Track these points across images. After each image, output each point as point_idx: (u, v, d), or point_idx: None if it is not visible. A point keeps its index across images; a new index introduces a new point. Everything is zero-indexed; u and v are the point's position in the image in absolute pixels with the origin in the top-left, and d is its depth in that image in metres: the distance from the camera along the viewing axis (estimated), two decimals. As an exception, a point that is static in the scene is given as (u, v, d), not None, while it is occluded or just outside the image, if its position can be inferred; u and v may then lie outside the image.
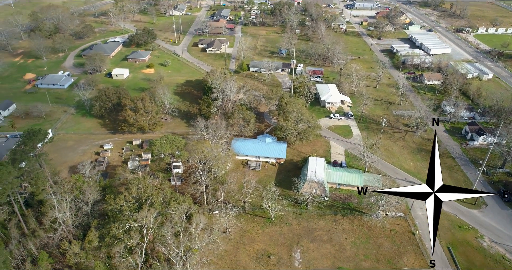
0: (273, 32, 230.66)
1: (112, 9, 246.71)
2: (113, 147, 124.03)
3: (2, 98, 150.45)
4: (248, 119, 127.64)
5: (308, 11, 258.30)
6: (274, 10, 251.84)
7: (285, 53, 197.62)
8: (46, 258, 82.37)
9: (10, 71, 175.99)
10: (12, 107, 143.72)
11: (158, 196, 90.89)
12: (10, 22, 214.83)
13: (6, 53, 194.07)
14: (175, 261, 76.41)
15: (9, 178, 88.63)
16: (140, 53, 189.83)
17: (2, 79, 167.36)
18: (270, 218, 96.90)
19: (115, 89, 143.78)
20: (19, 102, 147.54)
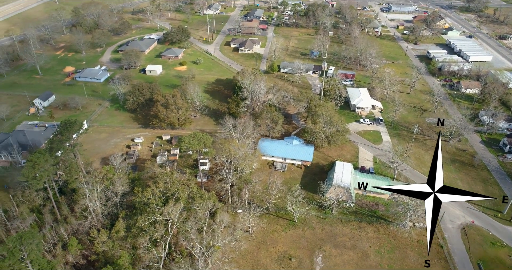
0: (306, 34, 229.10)
1: (149, 6, 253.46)
2: (143, 141, 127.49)
3: (43, 89, 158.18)
4: (276, 120, 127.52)
5: (343, 14, 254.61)
6: (308, 11, 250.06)
7: (316, 55, 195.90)
8: (75, 244, 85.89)
9: (52, 63, 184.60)
10: (52, 98, 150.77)
11: (184, 192, 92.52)
12: (54, 17, 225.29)
13: (49, 46, 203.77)
14: (197, 257, 77.54)
15: (46, 166, 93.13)
16: (173, 50, 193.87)
17: (44, 71, 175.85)
18: (293, 221, 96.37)
19: (148, 84, 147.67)
20: (58, 93, 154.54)
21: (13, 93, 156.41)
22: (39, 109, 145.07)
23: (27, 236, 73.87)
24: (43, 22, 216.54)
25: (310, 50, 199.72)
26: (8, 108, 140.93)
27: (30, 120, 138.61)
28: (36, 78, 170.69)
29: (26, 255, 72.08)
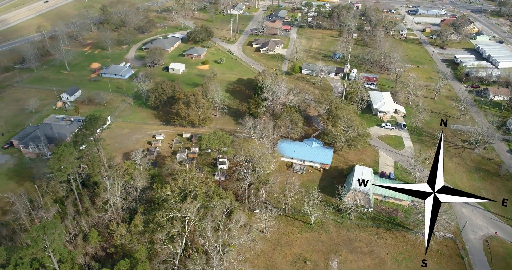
0: (329, 36, 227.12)
1: (174, 5, 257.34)
2: (164, 138, 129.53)
3: (70, 84, 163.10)
4: (296, 122, 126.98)
5: (367, 16, 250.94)
6: (332, 13, 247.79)
7: (339, 57, 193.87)
8: (95, 236, 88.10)
9: (79, 59, 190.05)
10: (78, 93, 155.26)
11: (202, 189, 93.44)
12: (83, 14, 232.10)
13: (77, 43, 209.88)
14: (213, 254, 78.10)
15: (71, 159, 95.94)
16: (196, 49, 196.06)
17: (72, 66, 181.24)
18: (309, 223, 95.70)
19: (170, 82, 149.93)
20: (84, 89, 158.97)
21: (42, 87, 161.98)
22: (66, 104, 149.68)
23: (50, 226, 76.13)
24: (72, 19, 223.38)
25: (333, 52, 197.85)
26: (37, 102, 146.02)
27: (57, 114, 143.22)
28: (64, 73, 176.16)
29: (48, 244, 74.30)
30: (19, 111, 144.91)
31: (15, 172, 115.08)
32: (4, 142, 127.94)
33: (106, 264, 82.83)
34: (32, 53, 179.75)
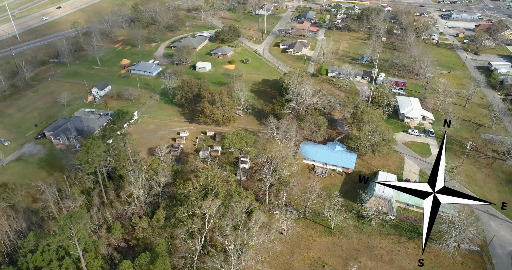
0: (357, 38, 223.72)
1: (203, 5, 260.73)
2: (188, 135, 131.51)
3: (100, 79, 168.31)
4: (320, 124, 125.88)
5: (398, 19, 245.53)
6: (362, 15, 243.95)
7: (367, 60, 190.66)
8: (119, 228, 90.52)
9: (110, 56, 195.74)
10: (108, 88, 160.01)
11: (223, 188, 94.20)
12: (115, 12, 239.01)
13: (109, 39, 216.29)
14: (231, 253, 78.58)
15: (98, 151, 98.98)
16: (223, 49, 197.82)
17: (103, 62, 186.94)
18: (329, 228, 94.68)
19: (196, 81, 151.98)
20: (114, 84, 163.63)
21: (74, 81, 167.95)
22: (96, 98, 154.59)
23: (76, 216, 78.78)
24: (105, 16, 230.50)
25: (361, 55, 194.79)
26: (69, 95, 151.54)
27: (87, 108, 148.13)
28: (95, 69, 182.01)
29: (74, 233, 76.87)
30: (52, 104, 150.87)
31: (46, 162, 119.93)
32: (37, 133, 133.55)
33: (128, 256, 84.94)
34: (67, 48, 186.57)
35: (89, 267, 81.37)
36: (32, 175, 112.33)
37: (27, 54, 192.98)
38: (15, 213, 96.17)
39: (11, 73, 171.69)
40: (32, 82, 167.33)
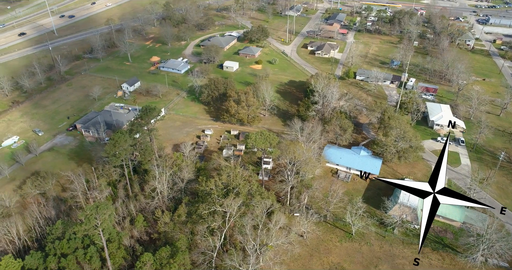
0: (388, 42, 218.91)
1: (233, 5, 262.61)
2: (213, 133, 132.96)
3: (131, 75, 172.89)
4: (345, 128, 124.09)
5: (432, 23, 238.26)
6: (393, 18, 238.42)
7: (397, 65, 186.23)
8: (141, 221, 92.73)
9: (141, 52, 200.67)
10: (137, 84, 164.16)
11: (245, 187, 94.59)
12: (147, 10, 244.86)
13: (140, 36, 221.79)
14: (250, 252, 78.75)
15: (125, 145, 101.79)
16: (251, 49, 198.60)
17: (133, 58, 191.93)
18: (350, 233, 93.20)
19: (223, 80, 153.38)
20: (143, 80, 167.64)
21: (105, 76, 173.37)
22: (125, 93, 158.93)
23: (102, 207, 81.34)
24: (138, 14, 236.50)
25: (391, 59, 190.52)
26: (100, 90, 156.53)
27: (116, 102, 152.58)
28: (126, 65, 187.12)
29: (99, 223, 79.43)
30: (84, 97, 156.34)
31: (75, 153, 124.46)
32: (69, 125, 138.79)
33: (149, 248, 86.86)
34: (100, 44, 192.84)
35: (112, 257, 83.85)
36: (63, 165, 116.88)
37: (63, 48, 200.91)
38: (46, 201, 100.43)
39: (48, 66, 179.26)
40: (67, 76, 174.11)
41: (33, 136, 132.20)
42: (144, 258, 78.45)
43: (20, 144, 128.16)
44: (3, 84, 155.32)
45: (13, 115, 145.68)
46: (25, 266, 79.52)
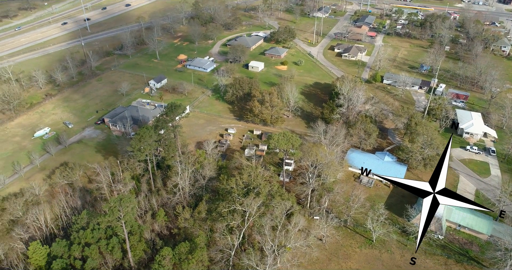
0: (418, 46, 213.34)
1: (261, 5, 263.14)
2: (235, 132, 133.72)
3: (158, 72, 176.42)
4: (370, 133, 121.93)
5: (465, 28, 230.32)
6: (425, 22, 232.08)
7: (426, 70, 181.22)
8: (162, 215, 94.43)
9: (168, 50, 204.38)
10: (164, 81, 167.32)
11: (266, 188, 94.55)
12: (177, 8, 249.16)
13: (168, 35, 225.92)
14: (268, 253, 78.70)
15: (150, 141, 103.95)
16: (277, 49, 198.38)
17: (161, 56, 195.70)
18: (371, 240, 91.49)
19: (248, 80, 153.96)
20: (170, 78, 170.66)
21: (134, 73, 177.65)
22: (152, 90, 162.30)
23: (125, 200, 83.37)
24: (167, 13, 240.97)
25: (420, 64, 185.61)
26: (128, 86, 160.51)
27: (143, 98, 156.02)
28: (154, 62, 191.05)
29: (122, 216, 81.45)
30: (113, 92, 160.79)
31: (102, 146, 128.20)
32: (97, 119, 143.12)
33: (169, 243, 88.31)
34: (130, 41, 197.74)
35: (133, 249, 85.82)
36: (90, 157, 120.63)
37: (95, 44, 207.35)
38: (73, 191, 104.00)
39: (80, 61, 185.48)
40: (97, 71, 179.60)
41: (64, 128, 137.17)
42: (163, 252, 79.84)
43: (51, 135, 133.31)
44: (38, 77, 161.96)
45: (46, 107, 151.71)
46: (51, 252, 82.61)
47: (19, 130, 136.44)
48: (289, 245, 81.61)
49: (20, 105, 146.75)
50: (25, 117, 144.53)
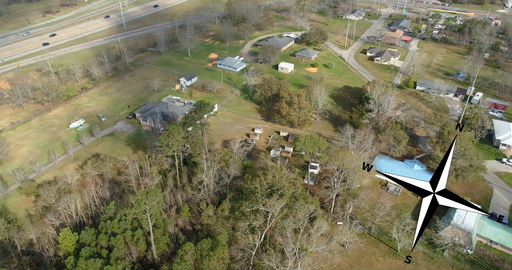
0: (455, 52, 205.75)
1: (293, 6, 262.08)
2: (262, 132, 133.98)
3: (189, 70, 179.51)
4: (400, 139, 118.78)
5: (507, 34, 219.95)
6: (463, 28, 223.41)
7: (463, 77, 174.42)
8: (186, 211, 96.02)
9: (200, 49, 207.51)
10: (194, 79, 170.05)
11: (289, 190, 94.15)
12: (210, 8, 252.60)
13: (201, 33, 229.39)
14: (288, 255, 78.37)
15: (178, 137, 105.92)
16: (308, 51, 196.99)
17: (193, 54, 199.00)
18: (395, 250, 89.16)
19: (277, 80, 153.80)
20: (200, 76, 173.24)
21: (165, 70, 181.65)
22: (183, 87, 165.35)
23: (152, 193, 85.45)
24: (200, 12, 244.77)
25: (456, 71, 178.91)
26: (160, 82, 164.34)
27: (173, 95, 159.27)
28: (185, 60, 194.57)
29: (148, 209, 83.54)
30: (145, 88, 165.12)
31: (132, 140, 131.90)
32: (129, 113, 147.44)
33: (191, 238, 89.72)
34: (163, 39, 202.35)
35: (157, 242, 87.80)
36: (120, 150, 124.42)
37: (130, 41, 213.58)
38: (102, 182, 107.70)
39: (115, 57, 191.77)
40: (131, 67, 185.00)
41: (97, 121, 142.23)
42: (186, 247, 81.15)
43: (85, 127, 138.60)
44: (75, 71, 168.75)
45: (81, 100, 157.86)
46: (80, 240, 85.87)
47: (56, 121, 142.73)
48: (311, 249, 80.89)
49: (57, 97, 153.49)
50: (62, 108, 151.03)
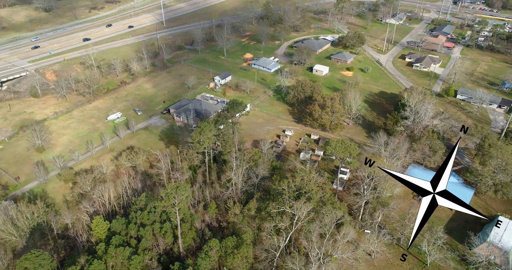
0: (501, 61, 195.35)
1: (332, 9, 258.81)
2: (293, 134, 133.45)
3: (223, 69, 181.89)
4: (436, 149, 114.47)
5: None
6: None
7: (509, 87, 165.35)
8: (214, 208, 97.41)
9: (236, 48, 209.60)
10: (228, 78, 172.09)
11: (317, 194, 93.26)
12: (247, 8, 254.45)
13: (237, 33, 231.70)
14: (312, 260, 77.64)
15: (209, 134, 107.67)
16: (344, 54, 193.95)
17: (228, 54, 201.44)
18: (424, 263, 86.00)
19: (311, 83, 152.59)
20: (234, 75, 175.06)
21: (201, 68, 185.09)
22: (217, 85, 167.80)
23: (181, 188, 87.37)
24: (238, 11, 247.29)
25: (502, 81, 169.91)
26: (195, 80, 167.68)
27: (207, 93, 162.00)
28: (221, 59, 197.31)
29: (177, 203, 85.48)
30: (180, 85, 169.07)
31: (165, 135, 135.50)
32: (164, 108, 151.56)
33: (217, 235, 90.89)
34: (201, 37, 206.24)
35: (184, 236, 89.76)
36: (153, 144, 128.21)
37: (168, 38, 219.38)
38: (135, 174, 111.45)
39: (153, 53, 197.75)
40: (168, 64, 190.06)
41: (133, 114, 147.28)
42: (211, 243, 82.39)
43: (121, 120, 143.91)
44: (116, 66, 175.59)
45: (120, 93, 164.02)
46: (111, 228, 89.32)
47: (95, 113, 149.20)
48: (336, 255, 79.69)
49: (98, 89, 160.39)
50: (101, 101, 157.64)
